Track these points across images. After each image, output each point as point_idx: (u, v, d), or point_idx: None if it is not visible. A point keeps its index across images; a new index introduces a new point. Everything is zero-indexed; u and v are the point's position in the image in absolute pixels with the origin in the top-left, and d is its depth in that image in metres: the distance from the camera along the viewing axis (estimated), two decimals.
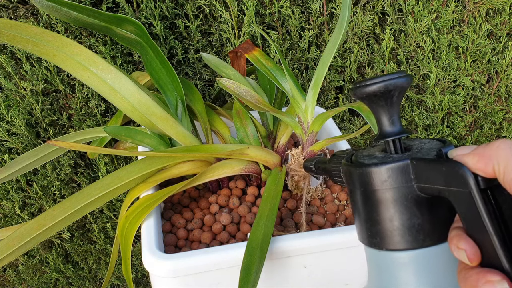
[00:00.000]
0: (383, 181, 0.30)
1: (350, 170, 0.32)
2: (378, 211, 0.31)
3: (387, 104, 0.32)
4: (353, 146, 0.91)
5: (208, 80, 0.80)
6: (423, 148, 0.32)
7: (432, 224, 0.30)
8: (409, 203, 0.30)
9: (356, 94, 0.32)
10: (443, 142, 0.31)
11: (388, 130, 0.32)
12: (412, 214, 0.30)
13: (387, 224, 0.30)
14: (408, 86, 0.31)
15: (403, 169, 0.29)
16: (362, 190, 0.31)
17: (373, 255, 0.32)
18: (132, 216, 0.49)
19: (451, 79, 0.84)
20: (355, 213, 0.33)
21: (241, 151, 0.53)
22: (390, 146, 0.32)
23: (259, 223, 0.45)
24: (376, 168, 0.30)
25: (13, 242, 0.46)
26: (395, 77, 0.30)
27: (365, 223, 0.32)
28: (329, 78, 0.82)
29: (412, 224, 0.30)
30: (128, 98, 0.51)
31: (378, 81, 0.31)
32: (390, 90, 0.31)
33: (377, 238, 0.31)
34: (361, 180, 0.31)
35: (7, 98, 0.74)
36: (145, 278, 1.00)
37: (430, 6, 0.77)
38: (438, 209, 0.30)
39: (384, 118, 0.32)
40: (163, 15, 0.72)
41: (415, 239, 0.30)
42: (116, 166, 0.84)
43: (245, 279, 0.40)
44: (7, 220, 0.86)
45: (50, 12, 0.52)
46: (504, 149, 0.24)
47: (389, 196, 0.30)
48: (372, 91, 0.31)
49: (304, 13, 0.78)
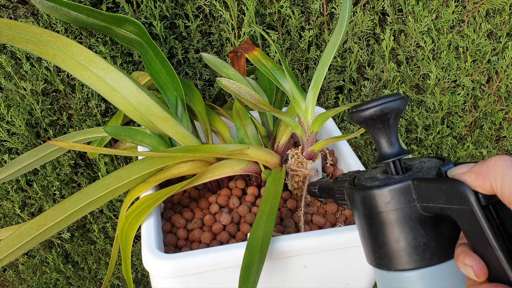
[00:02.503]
0: (386, 202, 0.30)
1: (353, 194, 0.33)
2: (384, 232, 0.31)
3: (385, 126, 0.32)
4: (353, 146, 0.91)
5: (208, 80, 0.80)
6: (423, 167, 0.32)
7: (438, 242, 0.30)
8: (414, 223, 0.30)
9: (353, 118, 0.33)
10: (442, 160, 0.32)
11: (388, 151, 0.33)
12: (418, 234, 0.30)
13: (393, 245, 0.31)
14: (403, 108, 0.32)
15: (405, 190, 0.30)
16: (367, 212, 0.32)
17: (383, 276, 0.33)
18: (132, 216, 0.49)
19: (451, 79, 0.84)
20: (361, 235, 0.34)
21: (241, 151, 0.53)
22: (391, 168, 0.33)
23: (259, 223, 0.45)
24: (378, 190, 0.31)
25: (13, 242, 0.46)
26: (390, 100, 0.31)
27: (372, 245, 0.32)
28: (329, 78, 0.82)
29: (418, 243, 0.30)
30: (128, 98, 0.51)
31: (374, 105, 0.31)
32: (386, 113, 0.31)
33: (385, 259, 0.32)
34: (364, 203, 0.32)
35: (7, 98, 0.74)
36: (145, 278, 1.00)
37: (430, 6, 0.77)
38: (443, 227, 0.30)
39: (383, 141, 0.33)
40: (163, 15, 0.72)
41: (422, 258, 0.30)
42: (116, 166, 0.84)
43: (245, 279, 0.40)
44: (7, 220, 0.86)
45: (50, 12, 0.52)
46: (500, 165, 0.25)
47: (393, 217, 0.30)
48: (369, 115, 0.32)
49: (304, 13, 0.78)
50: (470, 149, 0.90)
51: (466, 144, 0.90)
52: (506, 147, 0.94)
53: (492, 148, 0.92)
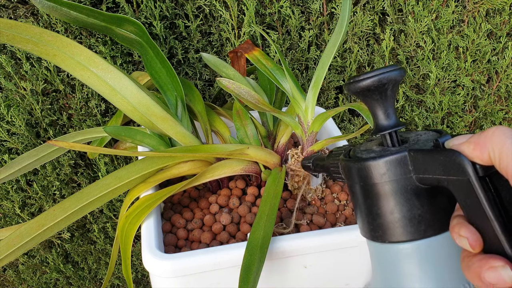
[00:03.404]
0: (382, 174, 0.30)
1: (349, 166, 0.32)
2: (378, 204, 0.31)
3: (382, 98, 0.32)
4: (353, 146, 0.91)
5: (208, 80, 0.80)
6: (419, 139, 0.32)
7: (433, 214, 0.30)
8: (409, 195, 0.30)
9: (350, 89, 0.32)
10: (439, 132, 0.32)
11: (384, 123, 0.32)
12: (413, 205, 0.30)
13: (388, 217, 0.31)
14: (401, 79, 0.31)
15: (401, 161, 0.30)
16: (362, 184, 0.32)
17: (376, 249, 0.32)
18: (132, 216, 0.49)
19: (451, 79, 0.84)
20: (356, 208, 0.34)
21: (241, 151, 0.53)
22: (387, 139, 0.32)
23: (259, 223, 0.45)
24: (374, 161, 0.30)
25: (13, 242, 0.46)
26: (388, 71, 0.31)
27: (367, 217, 0.32)
28: (329, 78, 0.82)
29: (413, 215, 0.30)
30: (128, 98, 0.51)
31: (372, 76, 0.31)
32: (383, 84, 0.31)
33: (379, 231, 0.31)
34: (360, 174, 0.31)
35: (7, 98, 0.74)
36: (145, 278, 1.00)
37: (430, 6, 0.77)
38: (438, 199, 0.30)
39: (379, 112, 0.32)
40: (163, 15, 0.72)
41: (417, 230, 0.30)
42: (116, 166, 0.84)
43: (245, 279, 0.40)
44: (7, 220, 0.86)
45: (50, 12, 0.52)
46: (498, 135, 0.24)
47: (388, 189, 0.30)
48: (366, 85, 0.31)
49: (304, 13, 0.78)
50: None
51: None
52: None
53: None
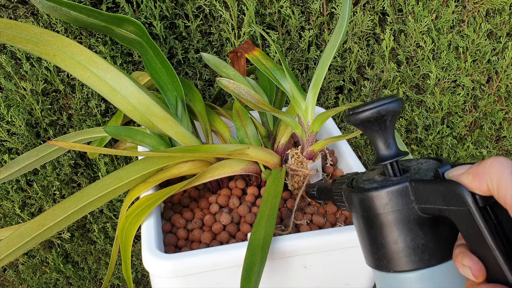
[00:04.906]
0: (384, 204, 0.31)
1: (351, 195, 0.33)
2: (382, 234, 0.31)
3: (381, 128, 0.33)
4: (353, 146, 0.91)
5: (208, 80, 0.80)
6: (420, 168, 0.32)
7: (436, 243, 0.30)
8: (412, 224, 0.30)
9: (350, 120, 0.33)
10: (440, 161, 0.32)
11: (385, 153, 0.33)
12: (416, 235, 0.30)
13: (392, 247, 0.31)
14: (400, 110, 0.32)
15: (402, 192, 0.30)
16: (365, 214, 0.32)
17: (382, 277, 0.33)
18: (132, 216, 0.49)
19: (451, 79, 0.84)
20: (360, 237, 0.34)
21: (241, 151, 0.53)
22: (388, 169, 0.33)
23: (260, 223, 0.45)
24: (376, 192, 0.31)
25: (13, 242, 0.46)
26: (386, 102, 0.31)
27: (371, 246, 0.32)
28: (329, 78, 0.82)
29: (416, 244, 0.30)
30: (128, 98, 0.51)
31: (371, 107, 0.31)
32: (382, 115, 0.32)
33: (383, 260, 0.32)
34: (363, 204, 0.32)
35: (7, 98, 0.74)
36: (145, 278, 1.00)
37: (430, 6, 0.77)
38: (441, 228, 0.31)
39: (380, 142, 0.33)
40: (163, 15, 0.72)
41: (421, 259, 0.30)
42: (116, 166, 0.84)
43: (247, 279, 0.40)
44: (7, 220, 0.86)
45: (50, 12, 0.52)
46: (495, 166, 0.25)
47: (391, 219, 0.31)
48: (365, 117, 0.32)
49: (304, 13, 0.78)
50: (470, 149, 0.90)
51: (466, 144, 0.90)
52: (506, 147, 0.94)
53: (492, 148, 0.92)
